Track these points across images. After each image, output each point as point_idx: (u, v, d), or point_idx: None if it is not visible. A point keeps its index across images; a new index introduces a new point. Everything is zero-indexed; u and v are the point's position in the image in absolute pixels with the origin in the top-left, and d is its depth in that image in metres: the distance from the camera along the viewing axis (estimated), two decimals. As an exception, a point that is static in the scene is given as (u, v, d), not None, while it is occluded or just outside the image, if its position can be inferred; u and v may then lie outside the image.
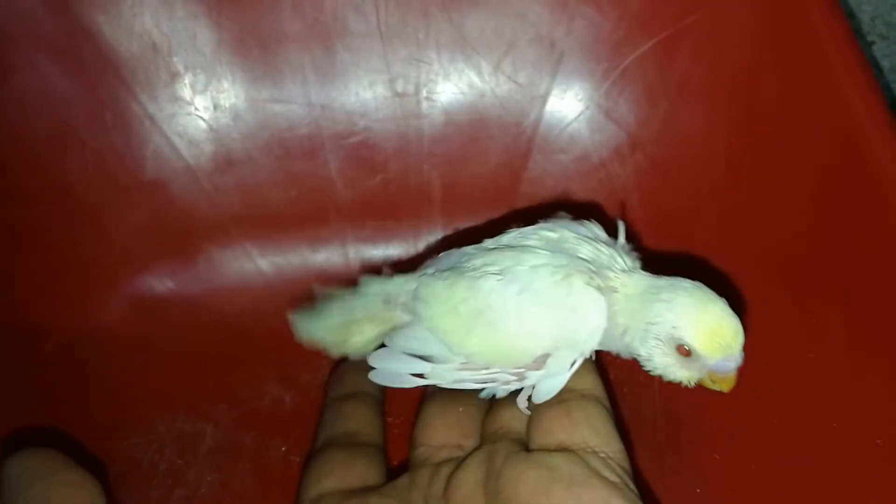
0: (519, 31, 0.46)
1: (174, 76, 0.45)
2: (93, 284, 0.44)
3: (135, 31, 0.43)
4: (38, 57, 0.42)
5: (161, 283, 0.45)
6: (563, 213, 0.34)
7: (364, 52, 0.46)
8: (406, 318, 0.33)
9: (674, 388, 0.41)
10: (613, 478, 0.28)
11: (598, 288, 0.30)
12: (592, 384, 0.33)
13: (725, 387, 0.31)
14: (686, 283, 0.30)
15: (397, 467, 0.37)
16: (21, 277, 0.44)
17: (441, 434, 0.34)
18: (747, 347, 0.42)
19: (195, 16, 0.44)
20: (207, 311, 0.46)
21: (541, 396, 0.31)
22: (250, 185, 0.46)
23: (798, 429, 0.38)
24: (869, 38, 0.63)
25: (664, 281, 0.31)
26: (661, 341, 0.30)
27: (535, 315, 0.30)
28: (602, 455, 0.29)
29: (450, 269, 0.33)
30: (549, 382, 0.31)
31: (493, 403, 0.35)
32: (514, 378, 0.31)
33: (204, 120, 0.45)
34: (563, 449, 0.30)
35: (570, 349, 0.30)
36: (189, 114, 0.45)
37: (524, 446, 0.31)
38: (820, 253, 0.40)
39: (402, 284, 0.34)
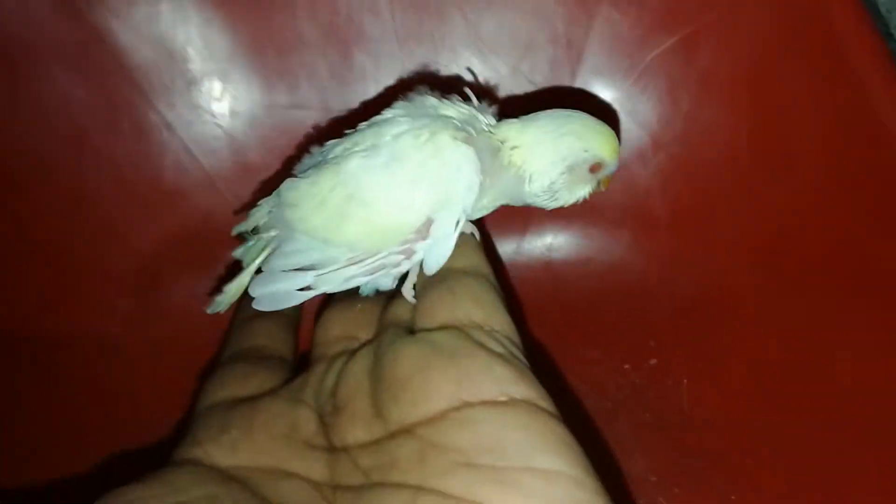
0: (536, 31, 0.45)
1: (190, 83, 0.44)
2: (111, 294, 0.44)
3: (150, 38, 0.43)
4: (53, 65, 0.42)
5: (181, 292, 0.45)
6: (422, 88, 0.34)
7: (380, 54, 0.46)
8: (273, 233, 0.33)
9: (701, 392, 0.41)
10: (498, 349, 0.27)
11: (466, 141, 0.30)
12: (476, 261, 0.31)
13: (607, 185, 0.34)
14: (566, 113, 0.32)
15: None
16: (38, 287, 0.43)
17: (337, 329, 0.33)
18: (778, 349, 0.42)
19: (210, 22, 0.43)
20: (229, 320, 0.45)
21: (432, 267, 0.30)
22: (269, 193, 0.46)
23: (831, 433, 0.38)
24: (887, 31, 0.62)
25: (545, 119, 0.32)
26: (573, 168, 0.31)
27: (407, 182, 0.29)
28: (487, 328, 0.28)
29: (311, 167, 0.32)
30: (437, 251, 0.30)
31: (389, 298, 0.34)
32: (403, 256, 0.30)
33: (221, 127, 0.45)
34: (447, 327, 0.28)
35: (450, 209, 0.29)
36: (206, 121, 0.45)
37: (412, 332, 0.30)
38: (847, 251, 0.40)
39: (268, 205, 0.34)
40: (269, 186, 0.45)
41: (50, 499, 0.36)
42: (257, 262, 0.34)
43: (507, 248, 0.47)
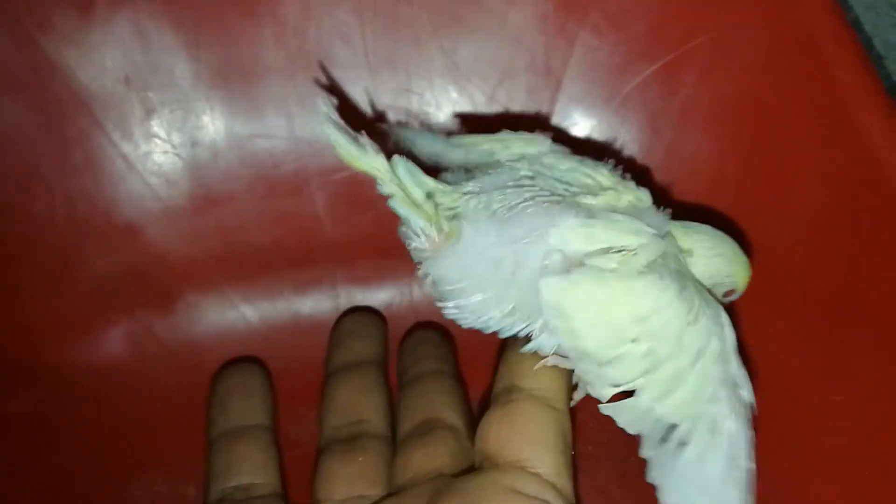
0: (514, 59, 0.44)
1: (149, 112, 0.42)
2: (61, 338, 0.41)
3: (106, 65, 0.40)
4: (2, 94, 0.40)
5: (136, 332, 0.42)
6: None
7: (351, 82, 0.44)
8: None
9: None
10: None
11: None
12: (549, 381, 0.29)
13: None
14: (719, 233, 0.33)
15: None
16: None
17: (343, 489, 0.32)
18: (768, 391, 0.40)
19: (171, 48, 0.41)
20: (187, 361, 0.43)
21: None
22: (232, 225, 0.43)
23: (826, 476, 0.36)
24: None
25: (700, 234, 0.32)
26: (712, 289, 0.32)
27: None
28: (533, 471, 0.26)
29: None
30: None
31: (399, 448, 0.33)
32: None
33: (182, 158, 0.43)
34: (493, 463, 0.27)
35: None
36: (166, 151, 0.42)
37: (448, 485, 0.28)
38: (842, 284, 0.38)
39: (447, 195, 0.29)
40: (233, 220, 0.44)
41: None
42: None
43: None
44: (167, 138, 0.42)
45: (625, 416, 0.28)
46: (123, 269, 0.42)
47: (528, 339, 0.29)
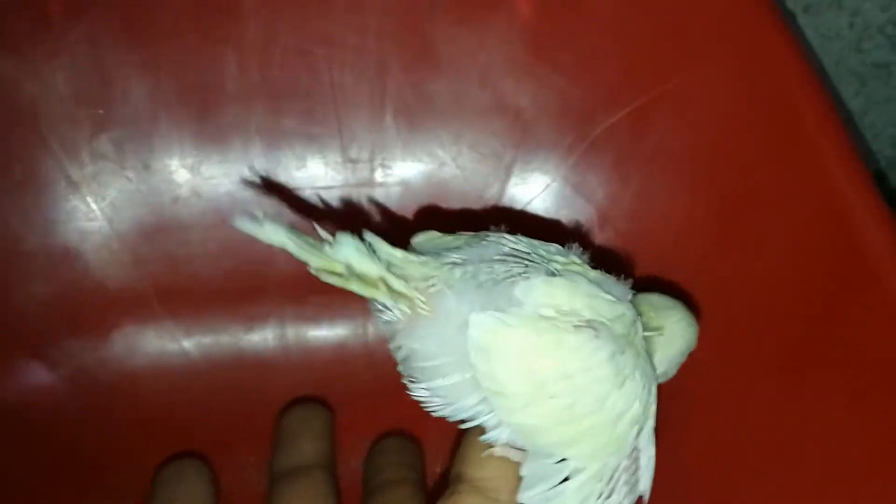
0: (482, 98, 0.43)
1: (99, 130, 0.40)
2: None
3: (55, 78, 0.38)
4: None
5: (67, 364, 0.39)
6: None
7: (315, 114, 0.42)
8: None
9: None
10: None
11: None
12: (495, 471, 0.27)
13: None
14: (673, 301, 0.32)
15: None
16: None
17: None
18: (732, 436, 0.38)
19: (127, 66, 0.40)
20: (122, 396, 0.40)
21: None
22: (179, 255, 0.41)
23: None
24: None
25: (674, 310, 0.32)
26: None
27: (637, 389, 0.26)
28: None
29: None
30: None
31: None
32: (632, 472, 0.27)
33: (130, 180, 0.41)
34: None
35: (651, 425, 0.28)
36: (114, 173, 0.40)
37: None
38: (811, 335, 0.37)
39: (421, 266, 0.26)
40: (181, 250, 0.41)
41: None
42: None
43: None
44: (116, 159, 0.40)
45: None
46: (55, 295, 0.39)
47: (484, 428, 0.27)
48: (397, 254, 0.26)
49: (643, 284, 0.34)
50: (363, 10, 0.40)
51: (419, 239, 0.30)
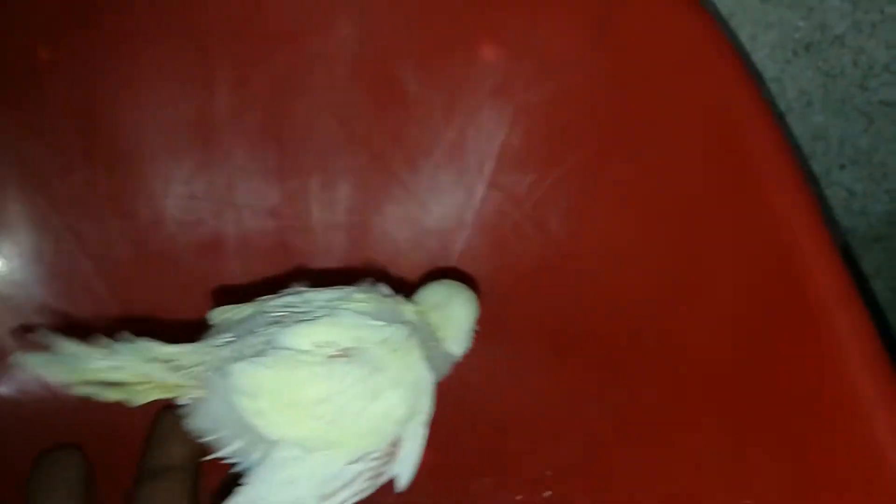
0: (437, 143, 0.44)
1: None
2: None
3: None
4: None
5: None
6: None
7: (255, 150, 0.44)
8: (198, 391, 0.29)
9: None
10: None
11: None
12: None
13: None
14: (450, 283, 0.35)
15: None
16: None
17: None
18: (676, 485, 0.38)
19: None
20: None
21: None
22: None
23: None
24: (839, 162, 0.61)
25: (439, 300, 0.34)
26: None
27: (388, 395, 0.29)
28: None
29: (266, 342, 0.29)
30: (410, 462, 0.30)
31: None
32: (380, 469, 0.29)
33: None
34: None
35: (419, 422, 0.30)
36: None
37: None
38: (755, 384, 0.36)
39: (194, 356, 0.29)
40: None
41: None
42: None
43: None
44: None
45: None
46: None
47: None
48: (171, 349, 0.29)
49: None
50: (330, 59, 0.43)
51: (215, 317, 0.32)
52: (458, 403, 0.42)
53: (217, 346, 0.29)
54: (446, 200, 0.44)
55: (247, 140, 0.43)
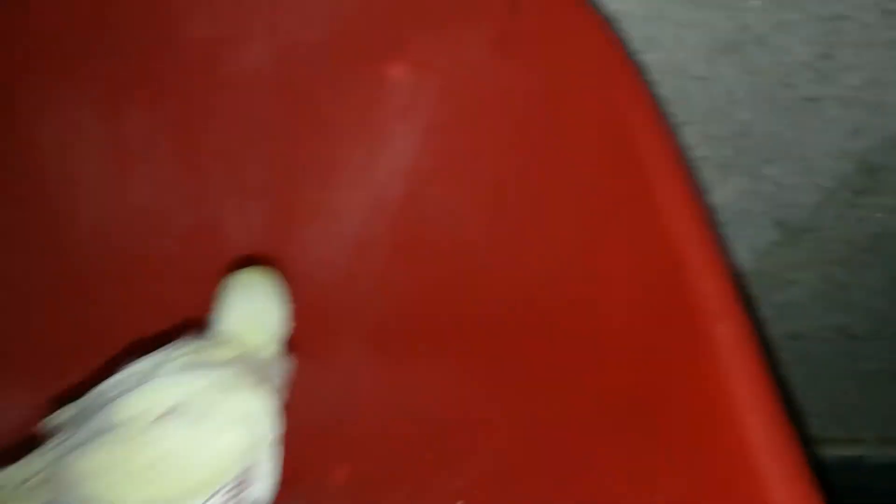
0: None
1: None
2: None
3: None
4: None
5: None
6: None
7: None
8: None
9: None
10: None
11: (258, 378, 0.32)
12: None
13: None
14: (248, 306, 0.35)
15: None
16: None
17: None
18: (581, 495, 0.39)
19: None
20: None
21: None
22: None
23: None
24: (766, 156, 0.63)
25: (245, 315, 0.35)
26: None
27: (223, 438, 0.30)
28: None
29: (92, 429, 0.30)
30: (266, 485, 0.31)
31: None
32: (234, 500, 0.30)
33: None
34: None
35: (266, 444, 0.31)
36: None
37: None
38: (649, 391, 0.38)
39: (33, 466, 0.30)
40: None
41: None
42: None
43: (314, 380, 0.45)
44: None
45: None
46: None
47: None
48: (22, 469, 0.29)
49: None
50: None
51: (49, 424, 0.32)
52: (370, 417, 0.44)
53: (53, 447, 0.30)
54: (360, 218, 0.45)
55: (161, 166, 0.43)
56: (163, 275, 0.44)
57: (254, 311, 0.34)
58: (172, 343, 0.33)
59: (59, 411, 0.32)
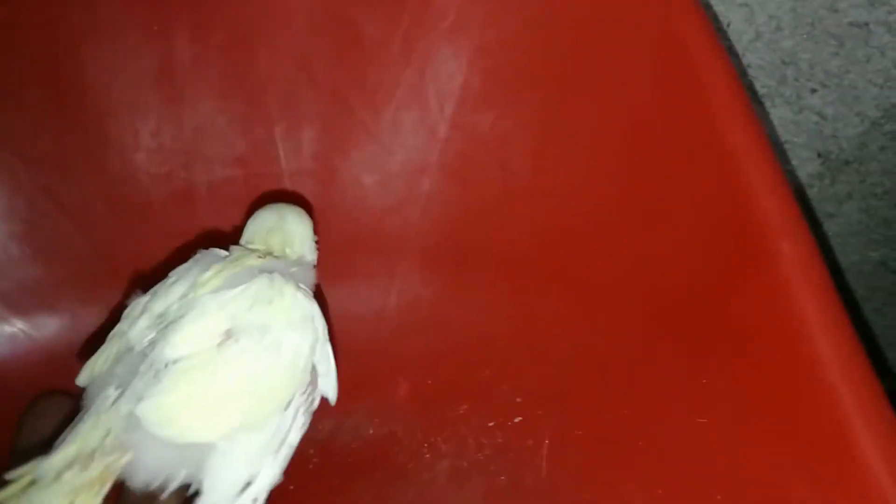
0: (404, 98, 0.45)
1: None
2: None
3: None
4: None
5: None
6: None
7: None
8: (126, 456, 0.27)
9: (560, 455, 0.39)
10: None
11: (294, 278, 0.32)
12: None
13: None
14: (271, 216, 0.37)
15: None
16: None
17: None
18: (639, 406, 0.39)
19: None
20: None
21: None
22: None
23: (682, 499, 0.35)
24: (810, 86, 0.61)
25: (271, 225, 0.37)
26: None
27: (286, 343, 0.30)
28: None
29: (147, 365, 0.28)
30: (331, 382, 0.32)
31: None
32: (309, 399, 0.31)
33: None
34: None
35: (323, 346, 0.31)
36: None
37: None
38: (710, 309, 0.38)
39: (93, 435, 0.27)
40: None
41: None
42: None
43: (373, 302, 0.46)
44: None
45: None
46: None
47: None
48: (66, 452, 0.26)
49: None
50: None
51: (84, 380, 0.30)
52: (427, 336, 0.45)
53: (109, 405, 0.28)
54: (409, 142, 0.45)
55: (210, 91, 0.43)
56: (213, 199, 0.45)
57: (278, 220, 0.36)
58: (192, 260, 0.32)
59: (83, 370, 0.30)
